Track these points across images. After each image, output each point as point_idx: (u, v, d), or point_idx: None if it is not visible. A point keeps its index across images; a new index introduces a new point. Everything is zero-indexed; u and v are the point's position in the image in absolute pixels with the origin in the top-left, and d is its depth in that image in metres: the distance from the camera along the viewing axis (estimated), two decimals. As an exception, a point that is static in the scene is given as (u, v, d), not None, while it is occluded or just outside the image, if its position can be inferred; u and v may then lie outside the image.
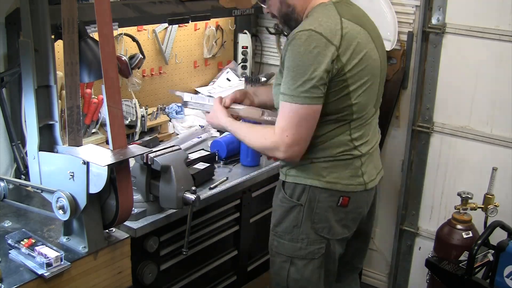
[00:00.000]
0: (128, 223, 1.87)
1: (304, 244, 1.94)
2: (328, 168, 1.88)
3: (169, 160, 1.88)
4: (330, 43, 1.74)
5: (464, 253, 2.49)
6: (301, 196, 1.91)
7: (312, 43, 1.73)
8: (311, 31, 1.74)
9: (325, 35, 1.74)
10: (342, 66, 1.77)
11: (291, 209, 1.94)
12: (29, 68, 1.67)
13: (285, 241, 1.97)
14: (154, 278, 2.03)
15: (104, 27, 1.62)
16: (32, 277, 1.53)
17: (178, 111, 2.81)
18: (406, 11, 2.83)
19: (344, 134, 1.87)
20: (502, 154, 2.69)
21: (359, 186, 1.93)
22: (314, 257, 1.95)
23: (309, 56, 1.73)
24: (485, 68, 2.67)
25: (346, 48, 1.77)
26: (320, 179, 1.88)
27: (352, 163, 1.90)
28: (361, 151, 1.91)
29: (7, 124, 2.08)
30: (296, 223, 1.94)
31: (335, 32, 1.76)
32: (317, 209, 1.91)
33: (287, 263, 1.98)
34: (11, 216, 1.86)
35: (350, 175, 1.90)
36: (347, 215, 1.95)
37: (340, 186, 1.89)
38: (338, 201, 1.91)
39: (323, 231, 1.93)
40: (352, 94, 1.82)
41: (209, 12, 2.74)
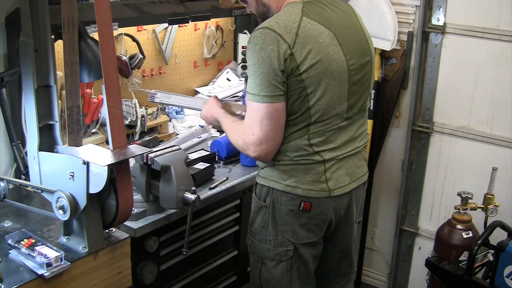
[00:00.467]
0: (128, 223, 1.87)
1: (272, 245, 1.95)
2: (288, 171, 1.87)
3: (169, 160, 1.88)
4: (283, 40, 1.73)
5: (464, 253, 2.49)
6: (266, 197, 1.93)
7: (266, 40, 1.74)
8: (266, 28, 1.75)
9: (278, 32, 1.74)
10: (296, 65, 1.75)
11: (259, 210, 1.97)
12: (29, 68, 1.67)
13: (256, 241, 1.99)
14: (154, 278, 2.03)
15: (104, 27, 1.62)
16: (32, 277, 1.53)
17: (178, 111, 2.81)
18: (406, 11, 2.83)
19: (302, 139, 1.84)
20: (502, 154, 2.69)
21: (321, 192, 1.87)
22: (282, 259, 1.95)
23: (264, 53, 1.74)
24: (485, 68, 2.67)
25: (301, 47, 1.75)
26: (281, 182, 1.88)
27: (314, 168, 1.86)
28: (323, 156, 1.86)
29: (7, 124, 2.08)
30: (263, 223, 1.96)
31: (290, 30, 1.75)
32: (280, 211, 1.91)
33: (259, 263, 2.01)
34: (11, 216, 1.86)
35: (311, 180, 1.87)
36: (310, 220, 1.91)
37: (300, 190, 1.87)
38: (300, 206, 1.88)
39: (288, 234, 1.92)
40: (310, 97, 1.79)
41: (209, 12, 2.74)
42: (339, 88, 1.84)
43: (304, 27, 1.77)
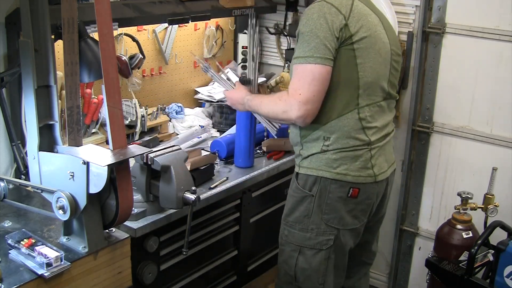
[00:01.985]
0: (128, 223, 1.87)
1: (314, 234, 2.01)
2: (338, 160, 1.95)
3: (169, 160, 1.89)
4: (339, 12, 1.87)
5: (464, 253, 2.49)
6: (313, 187, 1.98)
7: (323, 10, 1.87)
8: (323, 1, 1.89)
9: (335, 5, 1.88)
10: (350, 35, 1.88)
11: (302, 199, 2.01)
12: (29, 68, 1.67)
13: (295, 231, 2.04)
14: (154, 278, 2.03)
15: (104, 27, 1.62)
16: (32, 277, 1.53)
17: (178, 111, 2.81)
18: (406, 11, 2.83)
19: (352, 112, 1.92)
20: (502, 154, 2.69)
21: (368, 178, 1.98)
22: (323, 247, 2.02)
23: (322, 20, 1.86)
24: (485, 68, 2.67)
25: (355, 20, 1.89)
26: (331, 171, 1.95)
27: (362, 155, 1.96)
28: (369, 136, 1.96)
29: (7, 124, 2.08)
30: (307, 213, 2.01)
31: (345, 5, 1.90)
32: (328, 199, 1.97)
33: (296, 252, 2.05)
34: (11, 216, 1.86)
35: (360, 167, 1.96)
36: (357, 206, 2.01)
37: (350, 177, 1.95)
38: (348, 192, 1.97)
39: (333, 221, 1.99)
40: (359, 67, 1.90)
41: (209, 12, 2.74)
42: (384, 66, 1.99)
43: (357, 6, 1.93)
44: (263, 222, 2.61)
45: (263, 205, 2.60)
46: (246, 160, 2.43)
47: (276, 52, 3.36)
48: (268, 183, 2.56)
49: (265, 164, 2.48)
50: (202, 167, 2.25)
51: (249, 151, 2.41)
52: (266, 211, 2.62)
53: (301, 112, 1.87)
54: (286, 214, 2.08)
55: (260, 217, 2.58)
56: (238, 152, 2.43)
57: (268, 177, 2.49)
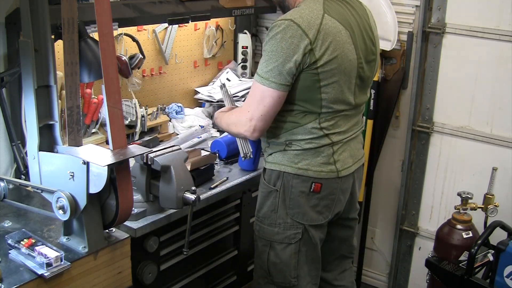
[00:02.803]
0: (128, 223, 1.87)
1: (281, 228, 2.04)
2: (299, 155, 1.98)
3: (169, 160, 1.88)
4: (306, 36, 1.83)
5: (464, 253, 2.49)
6: (277, 181, 2.02)
7: (288, 32, 1.83)
8: (290, 21, 1.84)
9: (302, 26, 1.83)
10: (315, 60, 1.85)
11: (268, 194, 2.05)
12: (29, 68, 1.67)
13: (265, 226, 2.07)
14: (154, 278, 2.03)
15: (104, 27, 1.62)
16: (32, 277, 1.53)
17: (178, 111, 2.81)
18: (406, 11, 2.83)
19: (313, 123, 1.95)
20: (502, 154, 2.69)
21: (331, 173, 2.00)
22: (291, 241, 2.04)
23: (284, 44, 1.83)
24: (485, 68, 2.67)
25: (321, 44, 1.85)
26: (293, 166, 1.98)
27: (323, 151, 1.98)
28: (332, 139, 1.99)
29: (7, 124, 2.08)
30: (273, 208, 2.04)
31: (312, 25, 1.84)
32: (291, 194, 2.00)
33: (267, 247, 2.08)
34: (11, 216, 1.86)
35: (321, 162, 1.98)
36: (320, 202, 2.03)
37: (312, 172, 1.98)
38: (311, 187, 1.99)
39: (298, 216, 2.02)
40: (322, 89, 1.91)
41: (209, 12, 2.74)
42: (348, 83, 1.96)
43: (326, 24, 1.86)
44: (263, 222, 2.61)
45: (263, 205, 2.60)
46: (251, 163, 2.41)
47: (276, 52, 3.35)
48: (268, 183, 2.56)
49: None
50: (202, 167, 2.24)
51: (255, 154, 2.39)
52: (266, 211, 2.61)
53: (248, 127, 1.94)
54: (257, 210, 2.12)
55: (260, 217, 2.58)
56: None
57: (268, 177, 2.49)
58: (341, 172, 2.02)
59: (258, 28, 3.40)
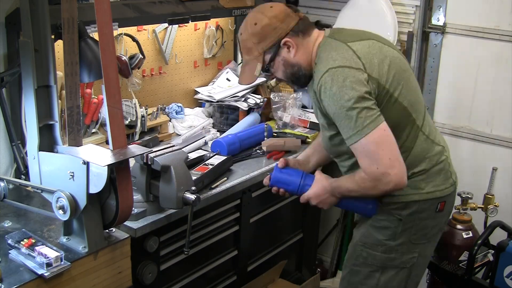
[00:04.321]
0: (128, 223, 1.87)
1: (399, 254, 1.92)
2: (425, 179, 1.88)
3: (169, 160, 1.88)
4: (355, 69, 1.75)
5: (464, 253, 2.49)
6: (402, 212, 1.88)
7: (339, 78, 1.73)
8: (331, 69, 1.75)
9: (346, 65, 1.75)
10: (377, 82, 1.77)
11: (387, 225, 1.91)
12: (29, 68, 1.67)
13: (377, 253, 1.94)
14: (154, 278, 2.03)
15: (104, 27, 1.62)
16: (32, 277, 1.53)
17: (178, 111, 2.81)
18: (406, 11, 2.83)
19: (419, 136, 1.87)
20: (502, 154, 2.69)
21: (451, 188, 1.94)
22: (406, 265, 1.94)
23: (344, 90, 1.72)
24: (485, 68, 2.67)
25: (370, 65, 1.78)
26: (420, 192, 1.87)
27: (443, 167, 1.91)
28: (440, 143, 1.94)
29: (7, 124, 2.08)
30: (392, 236, 1.91)
31: (351, 58, 1.77)
32: (417, 220, 1.89)
33: (378, 273, 1.95)
34: (11, 216, 1.86)
35: (443, 179, 1.91)
36: (442, 219, 1.97)
37: (439, 193, 1.89)
38: (437, 208, 1.90)
39: (420, 238, 1.92)
40: (399, 99, 1.82)
41: (209, 12, 2.74)
42: (411, 77, 1.91)
43: (356, 50, 1.79)
44: (263, 222, 2.61)
45: (263, 205, 2.60)
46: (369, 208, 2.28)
47: (276, 52, 3.35)
48: (268, 183, 2.56)
49: (265, 164, 2.48)
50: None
51: None
52: (266, 211, 2.61)
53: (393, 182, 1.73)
54: (365, 236, 1.96)
55: (260, 217, 2.58)
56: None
57: (268, 177, 2.49)
58: (456, 182, 1.97)
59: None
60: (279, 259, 2.78)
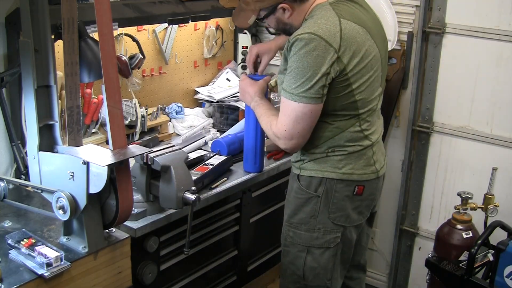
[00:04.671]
0: (128, 223, 1.87)
1: (321, 233, 2.02)
2: (343, 160, 1.97)
3: (169, 160, 1.88)
4: (330, 46, 1.80)
5: (464, 253, 2.49)
6: (318, 187, 1.99)
7: (311, 45, 1.80)
8: (311, 34, 1.80)
9: (324, 37, 1.80)
10: (343, 67, 1.84)
11: (307, 200, 2.01)
12: (29, 68, 1.67)
13: (301, 231, 2.04)
14: (154, 278, 2.03)
15: (104, 27, 1.62)
16: (32, 277, 1.53)
17: (178, 111, 2.81)
18: (406, 11, 2.83)
19: (354, 126, 1.95)
20: (502, 154, 2.69)
21: (372, 175, 2.02)
22: (330, 245, 2.03)
23: (309, 58, 1.80)
24: (485, 68, 2.67)
25: (346, 49, 1.83)
26: (336, 171, 1.97)
27: (365, 153, 1.99)
28: (371, 139, 2.00)
29: (7, 124, 2.08)
30: (313, 213, 2.01)
31: (334, 34, 1.81)
32: (334, 199, 1.99)
33: (304, 252, 2.06)
34: (11, 216, 1.86)
35: (364, 164, 1.99)
36: (362, 203, 2.04)
37: (356, 176, 1.98)
38: (354, 191, 1.99)
39: (340, 219, 2.01)
40: (355, 91, 1.89)
41: (209, 12, 2.74)
42: (376, 76, 1.97)
43: (345, 29, 1.84)
44: (263, 222, 2.61)
45: (263, 205, 2.60)
46: (255, 165, 2.39)
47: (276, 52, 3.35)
48: (268, 183, 2.56)
49: (265, 164, 2.48)
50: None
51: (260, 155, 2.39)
52: (266, 211, 2.62)
53: (287, 146, 1.93)
54: (290, 216, 2.08)
55: (260, 217, 2.58)
56: (249, 156, 2.39)
57: (268, 177, 2.49)
58: (380, 172, 2.05)
59: (258, 28, 3.39)
60: (279, 259, 2.77)
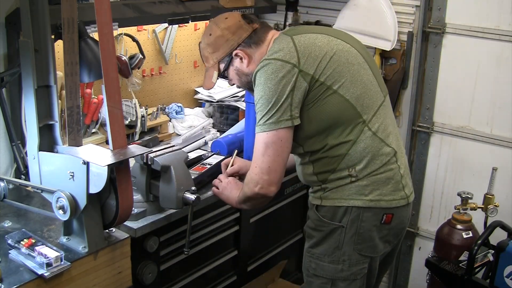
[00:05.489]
0: (128, 223, 1.87)
1: (346, 265, 1.88)
2: (369, 185, 1.82)
3: (169, 160, 1.88)
4: (287, 63, 1.75)
5: (464, 253, 2.49)
6: (343, 217, 1.84)
7: (269, 71, 1.76)
8: (265, 60, 1.78)
9: (279, 58, 1.76)
10: (311, 76, 1.77)
11: (331, 232, 1.87)
12: (29, 68, 1.67)
13: (325, 263, 1.90)
14: (154, 278, 2.03)
15: (104, 27, 1.62)
16: (32, 277, 1.53)
17: (178, 111, 2.81)
18: (406, 11, 2.83)
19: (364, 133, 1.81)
20: (502, 154, 2.69)
21: (401, 201, 1.87)
22: (357, 277, 1.90)
23: (269, 82, 1.75)
24: (485, 68, 2.67)
25: (308, 58, 1.78)
26: (363, 198, 1.82)
27: (393, 177, 1.85)
28: (391, 145, 1.85)
29: (7, 124, 2.08)
30: (337, 244, 1.87)
31: (289, 51, 1.77)
32: (360, 229, 1.84)
33: (328, 285, 1.91)
34: (11, 216, 1.86)
35: (392, 190, 1.84)
36: (390, 231, 1.90)
37: (384, 203, 1.83)
38: (382, 219, 1.84)
39: (367, 250, 1.88)
40: (340, 91, 1.79)
41: (209, 12, 2.74)
42: (361, 68, 1.86)
43: (299, 42, 1.80)
44: (263, 222, 2.61)
45: (263, 205, 2.60)
46: None
47: (276, 52, 3.35)
48: (268, 183, 2.55)
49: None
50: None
51: None
52: (266, 211, 2.61)
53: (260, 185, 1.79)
54: (311, 246, 1.93)
55: (260, 217, 2.58)
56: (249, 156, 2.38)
57: (268, 177, 2.49)
58: (409, 198, 1.89)
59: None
60: (279, 259, 2.78)
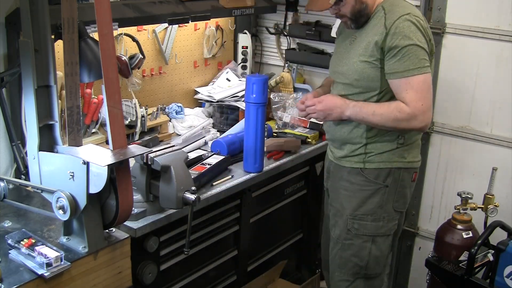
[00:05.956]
0: (128, 223, 1.87)
1: (385, 222, 2.16)
2: (407, 149, 2.14)
3: (169, 160, 1.88)
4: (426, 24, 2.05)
5: (464, 253, 2.49)
6: (387, 178, 2.12)
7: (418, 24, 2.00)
8: (412, 15, 2.00)
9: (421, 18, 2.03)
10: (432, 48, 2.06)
11: (376, 191, 2.13)
12: (29, 68, 1.67)
13: (368, 222, 2.15)
14: (154, 278, 2.03)
15: (104, 27, 1.62)
16: (32, 277, 1.53)
17: (178, 111, 2.81)
18: (406, 11, 2.83)
19: None
20: (502, 154, 2.69)
21: (420, 162, 2.23)
22: (391, 232, 2.19)
23: (420, 34, 1.99)
24: (485, 68, 2.67)
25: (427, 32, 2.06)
26: (403, 160, 2.13)
27: (419, 143, 2.21)
28: None
29: (7, 124, 2.08)
30: (381, 203, 2.14)
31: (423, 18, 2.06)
32: (399, 187, 2.14)
33: (369, 242, 2.17)
34: (11, 216, 1.86)
35: (417, 152, 2.21)
36: (412, 188, 2.24)
37: (415, 163, 2.18)
38: (412, 177, 2.18)
39: (401, 206, 2.18)
40: None
41: (209, 12, 2.74)
42: None
43: None
44: (263, 222, 2.61)
45: (263, 205, 2.60)
46: (256, 165, 2.40)
47: (276, 52, 3.36)
48: (268, 183, 2.56)
49: (265, 164, 2.48)
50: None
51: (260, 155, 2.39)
52: (266, 211, 2.62)
53: (424, 123, 2.02)
54: (354, 209, 2.16)
55: (260, 217, 2.58)
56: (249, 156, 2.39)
57: (268, 177, 2.49)
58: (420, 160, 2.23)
59: (258, 28, 3.40)
60: (279, 259, 2.78)
